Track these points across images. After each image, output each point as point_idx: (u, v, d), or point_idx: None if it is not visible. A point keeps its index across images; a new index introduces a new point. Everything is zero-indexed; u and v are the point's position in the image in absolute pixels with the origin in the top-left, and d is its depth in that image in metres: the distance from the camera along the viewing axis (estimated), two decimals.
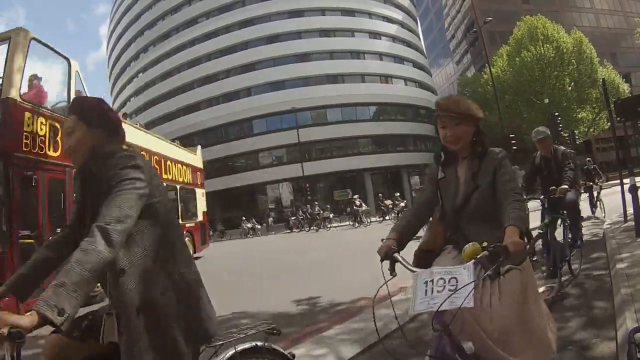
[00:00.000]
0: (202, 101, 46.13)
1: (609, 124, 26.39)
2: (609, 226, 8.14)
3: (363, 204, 24.79)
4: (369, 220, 23.59)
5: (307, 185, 36.33)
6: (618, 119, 7.65)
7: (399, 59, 48.77)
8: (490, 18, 29.00)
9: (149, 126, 50.57)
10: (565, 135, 27.46)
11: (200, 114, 45.43)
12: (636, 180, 6.70)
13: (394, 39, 49.32)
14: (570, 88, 34.16)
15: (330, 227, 26.03)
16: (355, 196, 26.67)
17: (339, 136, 42.79)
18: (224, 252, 17.55)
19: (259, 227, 33.25)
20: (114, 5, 59.78)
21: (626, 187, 7.26)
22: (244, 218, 34.58)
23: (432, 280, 1.65)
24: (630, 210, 7.07)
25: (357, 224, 23.57)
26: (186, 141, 45.99)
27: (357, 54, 46.45)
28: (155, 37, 51.06)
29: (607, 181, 14.96)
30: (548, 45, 34.48)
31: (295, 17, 45.80)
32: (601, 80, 13.78)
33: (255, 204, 43.98)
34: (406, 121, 46.43)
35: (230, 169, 44.31)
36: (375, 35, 48.03)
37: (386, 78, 47.13)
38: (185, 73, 47.58)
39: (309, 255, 11.85)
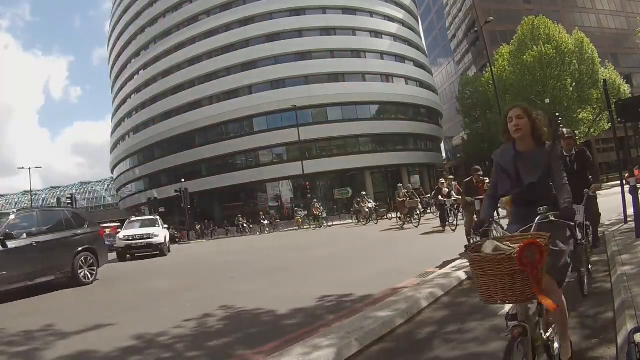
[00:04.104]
0: (203, 99, 46.08)
1: (609, 124, 26.42)
2: (609, 226, 8.14)
3: (371, 202, 24.62)
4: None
5: (307, 183, 36.32)
6: (619, 119, 7.65)
7: (400, 58, 48.70)
8: (491, 18, 28.99)
9: (149, 123, 50.92)
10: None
11: (200, 111, 45.40)
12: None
13: (395, 37, 49.25)
14: (571, 88, 34.08)
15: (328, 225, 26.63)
16: (363, 193, 26.70)
17: (340, 135, 42.77)
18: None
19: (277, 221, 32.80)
20: (115, 2, 59.71)
21: (626, 188, 7.25)
22: (262, 215, 34.32)
23: None
24: (630, 211, 7.07)
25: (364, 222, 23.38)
26: (187, 138, 46.33)
27: (358, 53, 46.37)
28: (156, 35, 51.00)
29: (607, 182, 14.73)
30: (549, 45, 34.42)
31: (296, 15, 45.72)
32: (602, 80, 13.76)
33: (255, 202, 44.03)
34: (407, 120, 46.41)
35: (230, 167, 44.28)
36: (376, 34, 47.95)
37: (387, 77, 47.08)
38: (186, 70, 47.54)
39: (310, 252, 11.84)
